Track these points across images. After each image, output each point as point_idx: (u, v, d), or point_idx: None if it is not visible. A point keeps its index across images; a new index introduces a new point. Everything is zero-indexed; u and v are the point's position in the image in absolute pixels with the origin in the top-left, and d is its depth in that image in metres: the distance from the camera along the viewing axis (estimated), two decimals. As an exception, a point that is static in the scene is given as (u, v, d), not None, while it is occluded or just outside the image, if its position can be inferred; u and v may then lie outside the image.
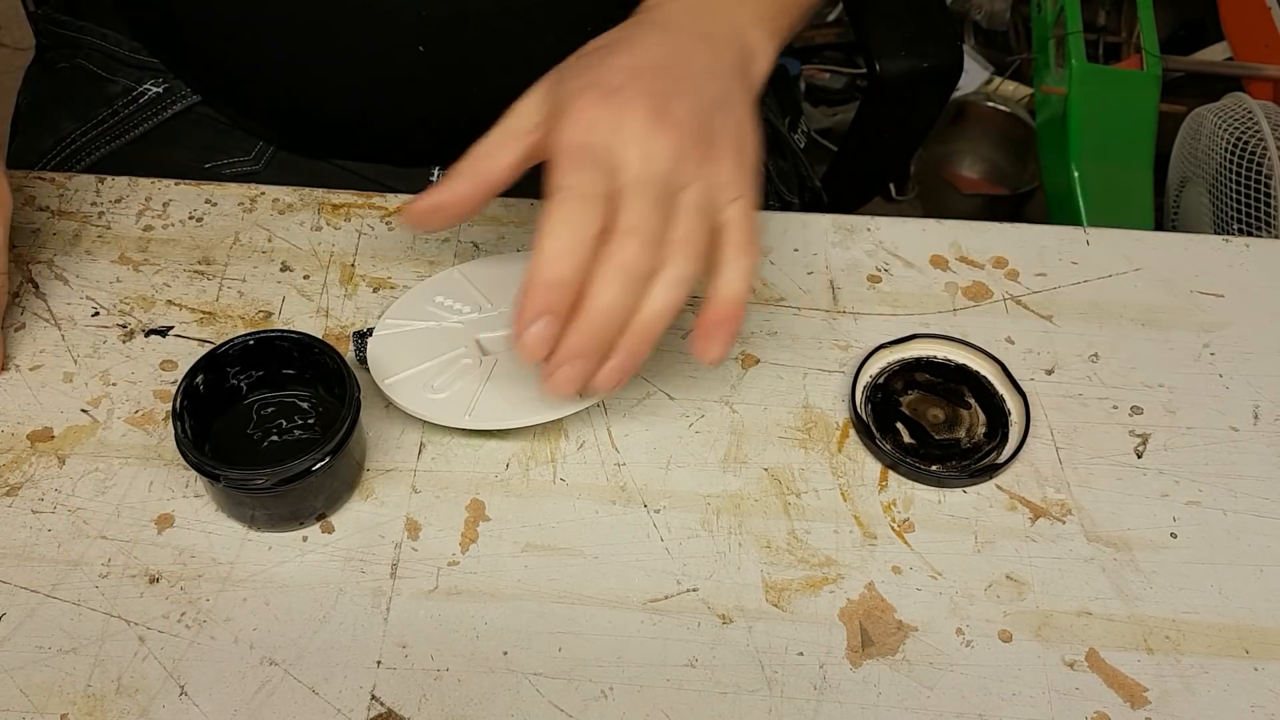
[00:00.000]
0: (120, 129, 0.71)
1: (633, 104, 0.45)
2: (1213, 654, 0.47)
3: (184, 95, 0.71)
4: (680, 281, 0.45)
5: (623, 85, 0.46)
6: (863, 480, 0.52)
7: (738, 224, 0.47)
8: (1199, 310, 0.60)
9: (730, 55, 0.52)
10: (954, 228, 0.63)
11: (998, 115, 1.77)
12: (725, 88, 0.50)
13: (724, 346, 0.46)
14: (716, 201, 0.47)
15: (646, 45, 0.50)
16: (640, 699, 0.45)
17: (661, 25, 0.51)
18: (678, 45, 0.50)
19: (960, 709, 0.45)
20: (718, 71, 0.50)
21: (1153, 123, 1.46)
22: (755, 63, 0.54)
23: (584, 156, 0.44)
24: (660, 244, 0.44)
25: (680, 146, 0.46)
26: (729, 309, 0.46)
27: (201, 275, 0.58)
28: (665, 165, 0.45)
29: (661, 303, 0.45)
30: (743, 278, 0.47)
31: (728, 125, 0.48)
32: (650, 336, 0.45)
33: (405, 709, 0.44)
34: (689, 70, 0.49)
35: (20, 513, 0.49)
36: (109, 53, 0.72)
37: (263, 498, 0.46)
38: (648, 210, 0.44)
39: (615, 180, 0.44)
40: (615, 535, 0.50)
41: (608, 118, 0.45)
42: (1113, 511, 0.51)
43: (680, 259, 0.45)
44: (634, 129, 0.45)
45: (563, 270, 0.43)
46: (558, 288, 0.43)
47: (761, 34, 0.54)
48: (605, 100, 0.45)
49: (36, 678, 0.44)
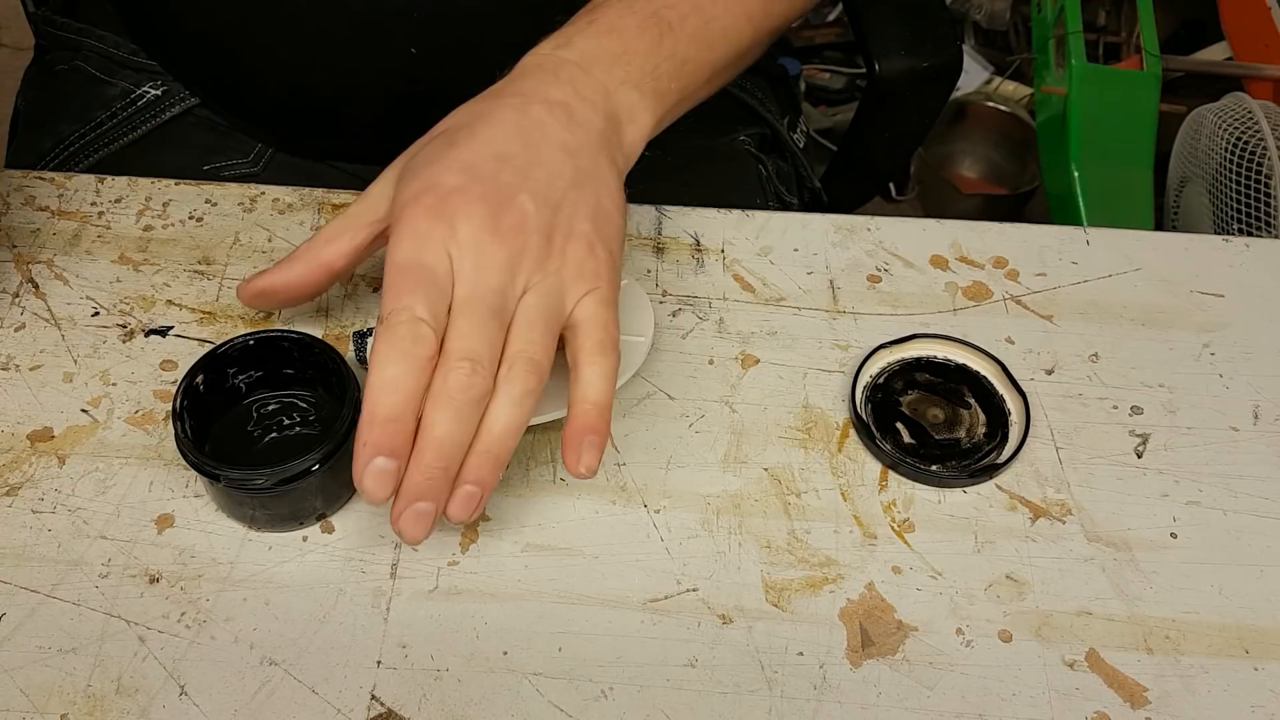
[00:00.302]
0: (119, 131, 0.71)
1: (465, 209, 0.44)
2: (1213, 654, 0.47)
3: (182, 98, 0.71)
4: (521, 398, 0.43)
5: (459, 186, 0.45)
6: (863, 480, 0.52)
7: (591, 321, 0.45)
8: (1199, 310, 0.60)
9: (592, 126, 0.49)
10: (954, 228, 0.63)
11: (998, 115, 1.77)
12: (581, 165, 0.48)
13: (596, 455, 0.44)
14: (562, 302, 0.45)
15: (496, 128, 0.47)
16: (640, 699, 0.45)
17: (520, 97, 0.49)
18: (531, 122, 0.48)
19: (960, 709, 0.45)
20: (574, 148, 0.48)
21: (1153, 123, 1.46)
22: (626, 129, 0.51)
23: (412, 277, 0.43)
24: (493, 363, 0.43)
25: (516, 251, 0.44)
26: (592, 418, 0.44)
27: (201, 275, 0.58)
28: (498, 276, 0.44)
29: (502, 425, 0.43)
30: (604, 379, 0.45)
31: (580, 212, 0.47)
32: (497, 460, 0.43)
33: (405, 709, 0.44)
34: (539, 153, 0.47)
35: (20, 513, 0.49)
36: (108, 55, 0.72)
37: (263, 498, 0.46)
38: (477, 330, 0.43)
39: (444, 300, 0.43)
40: (615, 535, 0.50)
41: (440, 229, 0.44)
42: (1113, 511, 0.51)
43: (517, 375, 0.43)
44: (465, 238, 0.44)
45: (394, 402, 0.41)
46: (391, 422, 0.41)
47: (638, 96, 0.52)
48: (438, 208, 0.44)
49: (36, 678, 0.44)
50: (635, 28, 0.52)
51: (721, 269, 0.60)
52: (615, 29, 0.52)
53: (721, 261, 0.60)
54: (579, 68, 0.50)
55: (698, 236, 0.62)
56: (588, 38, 0.52)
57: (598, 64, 0.51)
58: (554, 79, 0.50)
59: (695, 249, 0.61)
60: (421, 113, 0.60)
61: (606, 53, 0.51)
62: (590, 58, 0.51)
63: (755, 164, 0.78)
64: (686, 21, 0.54)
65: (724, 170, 0.77)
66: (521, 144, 0.47)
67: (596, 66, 0.51)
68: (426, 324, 0.42)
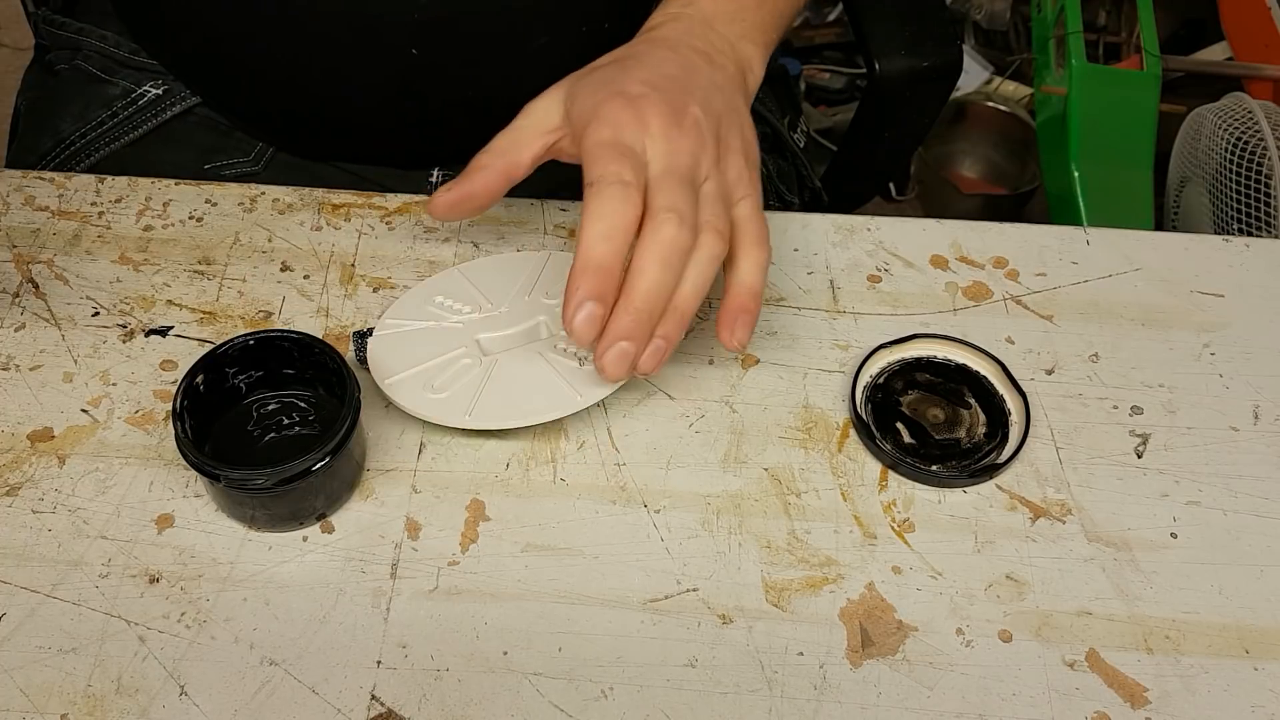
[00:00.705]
0: (120, 131, 0.71)
1: (654, 109, 0.49)
2: (1213, 654, 0.47)
3: (183, 97, 0.71)
4: (711, 260, 0.48)
5: (643, 94, 0.50)
6: (863, 480, 0.52)
7: (749, 219, 0.51)
8: (1199, 310, 0.60)
9: (729, 69, 0.56)
10: (954, 228, 0.63)
11: (998, 115, 1.77)
12: (728, 99, 0.53)
13: (746, 332, 0.49)
14: (731, 196, 0.50)
15: (657, 60, 0.53)
16: (640, 699, 0.45)
17: (667, 43, 0.55)
18: (684, 61, 0.54)
19: (960, 709, 0.45)
20: (720, 84, 0.54)
21: (1153, 123, 1.46)
22: (750, 75, 0.58)
23: (615, 151, 0.47)
24: (694, 224, 0.47)
25: (698, 146, 0.49)
26: (747, 298, 0.49)
27: (201, 275, 0.58)
28: (687, 160, 0.49)
29: (694, 283, 0.48)
30: (759, 269, 0.50)
31: (733, 132, 0.52)
32: (687, 315, 0.48)
33: (405, 709, 0.44)
34: (696, 83, 0.52)
35: (20, 513, 0.49)
36: (108, 54, 0.72)
37: (263, 498, 0.46)
38: (679, 194, 0.47)
39: (644, 174, 0.48)
40: (615, 535, 0.50)
41: (633, 120, 0.49)
42: (1113, 511, 0.51)
43: (709, 239, 0.48)
44: (657, 129, 0.49)
45: (605, 253, 0.46)
46: (601, 271, 0.46)
47: (753, 48, 0.58)
48: (629, 105, 0.49)
49: (36, 678, 0.44)
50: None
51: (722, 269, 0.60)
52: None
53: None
54: (706, 24, 0.57)
55: (698, 236, 0.62)
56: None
57: (719, 20, 0.57)
58: (690, 31, 0.56)
59: (695, 249, 0.61)
60: (421, 113, 0.60)
61: (725, 11, 0.58)
62: (712, 15, 0.57)
63: (757, 163, 0.79)
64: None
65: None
66: (684, 71, 0.53)
67: (718, 22, 0.57)
68: (633, 187, 0.47)
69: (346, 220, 0.61)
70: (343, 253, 0.59)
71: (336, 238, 0.60)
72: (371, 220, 0.61)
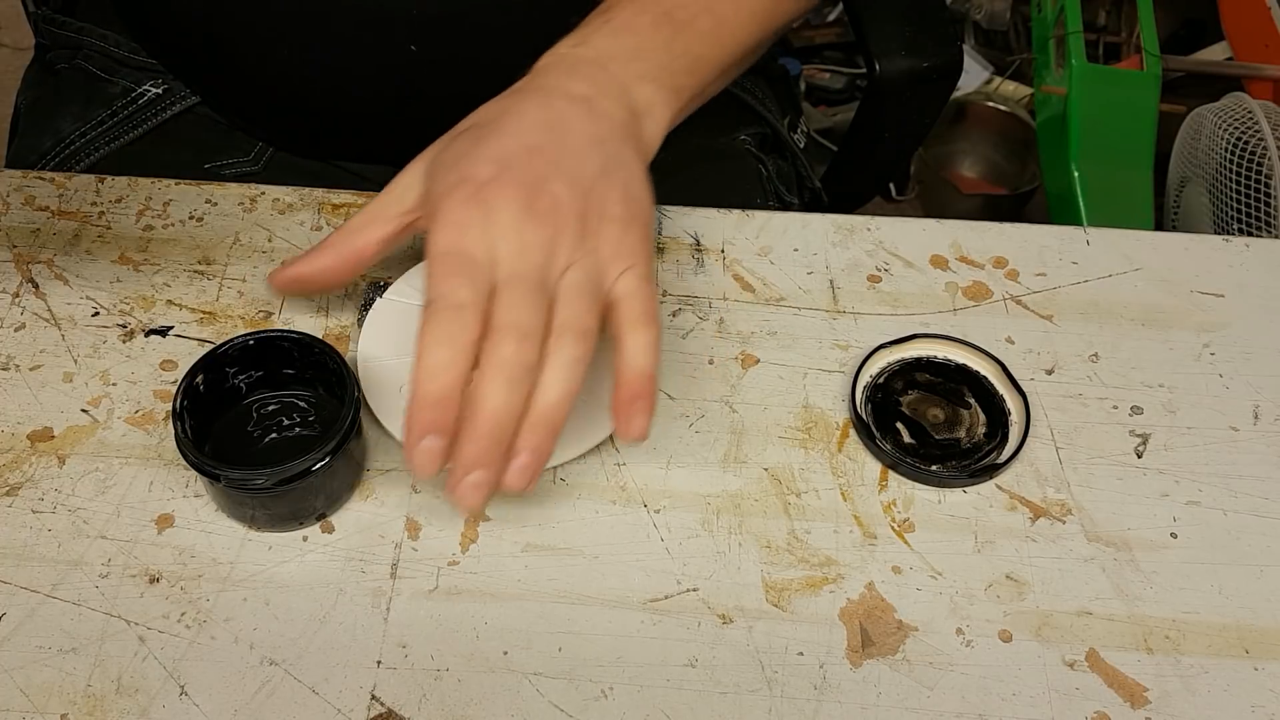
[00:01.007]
0: (120, 130, 0.71)
1: (502, 197, 0.45)
2: (1213, 654, 0.47)
3: (183, 96, 0.71)
4: (570, 364, 0.44)
5: (492, 177, 0.46)
6: (863, 480, 0.52)
7: (632, 295, 0.47)
8: (1199, 310, 0.60)
9: (616, 117, 0.50)
10: (954, 228, 0.63)
11: (998, 115, 1.77)
12: (608, 154, 0.49)
13: (645, 420, 0.45)
14: (604, 277, 0.46)
15: (522, 121, 0.49)
16: (640, 699, 0.45)
17: (542, 92, 0.50)
18: (556, 115, 0.49)
19: (960, 709, 0.45)
20: (600, 138, 0.49)
21: (1153, 123, 1.46)
22: (646, 122, 0.52)
23: (453, 265, 0.44)
24: (539, 335, 0.44)
25: (555, 231, 0.45)
26: (639, 384, 0.45)
27: (201, 275, 0.58)
28: (539, 255, 0.45)
29: (555, 393, 0.44)
30: (648, 350, 0.46)
31: (611, 195, 0.48)
32: (551, 427, 0.44)
33: (405, 709, 0.44)
34: (567, 143, 0.48)
35: (20, 513, 0.49)
36: (108, 53, 0.72)
37: (262, 498, 0.46)
38: (523, 303, 0.44)
39: (487, 283, 0.44)
40: (615, 535, 0.50)
41: (478, 217, 0.45)
42: (1113, 511, 0.51)
43: (567, 342, 0.44)
44: (505, 223, 0.45)
45: (441, 385, 0.42)
46: (439, 404, 0.42)
47: (656, 90, 0.53)
48: (474, 198, 0.45)
49: (36, 678, 0.44)
50: (649, 26, 0.54)
51: (721, 269, 0.60)
52: (630, 27, 0.53)
53: (721, 261, 0.60)
54: (597, 65, 0.52)
55: (698, 236, 0.62)
56: (604, 36, 0.53)
57: (614, 61, 0.52)
58: (573, 75, 0.51)
59: (695, 249, 0.61)
60: (422, 111, 0.60)
61: (623, 50, 0.53)
62: (607, 55, 0.52)
63: (756, 164, 0.78)
64: (698, 20, 0.55)
65: (725, 170, 0.77)
66: (549, 136, 0.48)
67: (613, 63, 0.52)
68: (471, 308, 0.43)
69: (346, 220, 0.61)
70: (343, 253, 0.59)
71: (336, 238, 0.60)
72: (371, 220, 0.61)
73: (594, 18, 0.55)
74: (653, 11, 0.54)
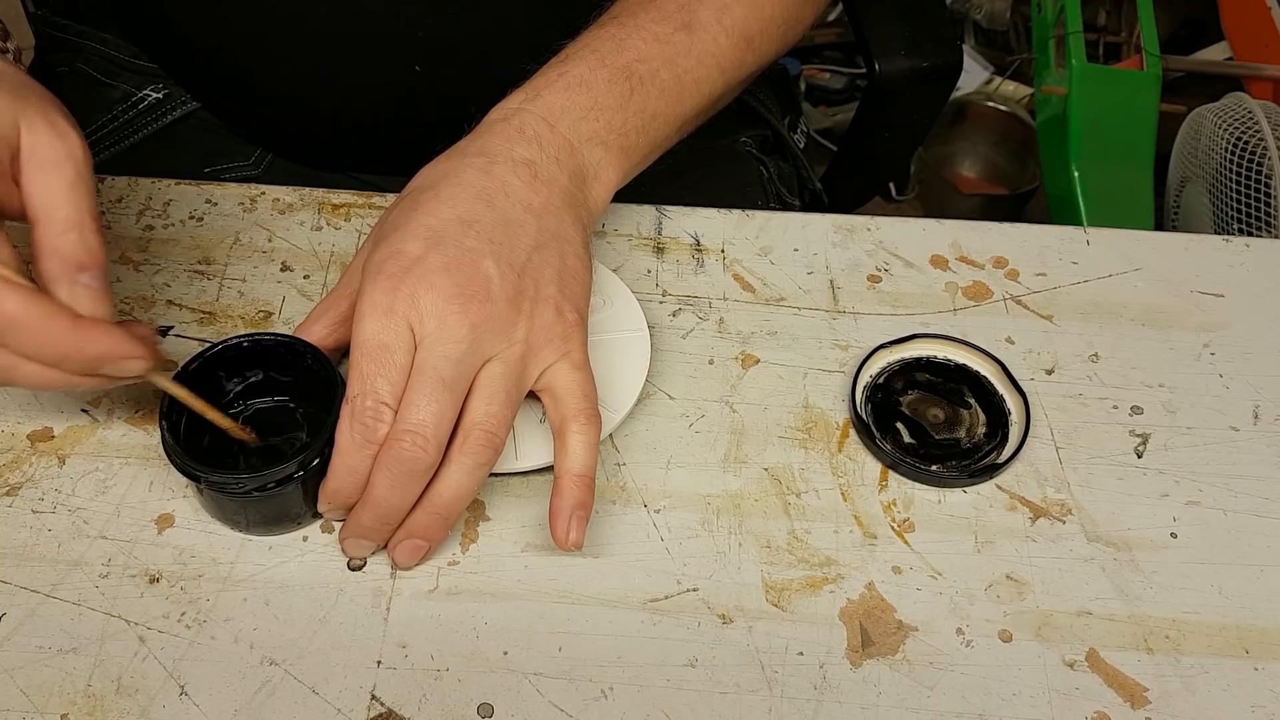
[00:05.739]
0: (120, 134, 0.71)
1: (428, 279, 0.44)
2: (1213, 654, 0.47)
3: (184, 101, 0.71)
4: (472, 469, 0.44)
5: (420, 257, 0.45)
6: (863, 480, 0.52)
7: (568, 390, 0.46)
8: (1199, 310, 0.60)
9: (558, 183, 0.49)
10: (954, 228, 0.63)
11: (998, 115, 1.77)
12: (545, 226, 0.48)
13: (582, 528, 0.45)
14: (527, 370, 0.46)
15: (460, 190, 0.47)
16: (640, 699, 0.45)
17: (484, 157, 0.49)
18: (495, 183, 0.48)
19: (960, 709, 0.45)
20: (538, 208, 0.48)
21: (1153, 123, 1.47)
22: (591, 186, 0.51)
23: (374, 360, 0.44)
24: (440, 434, 0.43)
25: (479, 320, 0.44)
26: (578, 491, 0.45)
27: (201, 275, 0.58)
28: (458, 347, 0.44)
29: (452, 492, 0.45)
30: (586, 449, 0.46)
31: (545, 274, 0.47)
32: (444, 521, 0.45)
33: (405, 709, 0.44)
34: (503, 215, 0.47)
35: (20, 513, 0.49)
36: (109, 58, 0.72)
37: (246, 502, 0.46)
38: (426, 402, 0.43)
39: (406, 371, 0.44)
40: (615, 535, 0.50)
41: (401, 302, 0.44)
42: (1113, 511, 0.51)
43: (471, 447, 0.44)
44: (427, 308, 0.44)
45: (349, 485, 0.45)
46: (346, 501, 0.46)
47: (605, 152, 0.52)
48: (400, 277, 0.44)
49: (36, 678, 0.44)
50: (605, 82, 0.52)
51: (721, 269, 0.60)
52: (585, 83, 0.52)
53: (721, 261, 0.60)
54: (546, 123, 0.50)
55: (698, 236, 0.62)
56: (556, 91, 0.51)
57: (564, 119, 0.51)
58: (519, 135, 0.50)
59: (695, 249, 0.61)
60: (423, 126, 0.60)
61: (575, 107, 0.51)
62: (557, 112, 0.51)
63: (757, 166, 0.78)
64: (658, 76, 0.54)
65: (726, 173, 0.77)
66: (485, 206, 0.47)
67: (563, 122, 0.51)
68: (389, 407, 0.43)
69: (346, 220, 0.61)
70: (343, 253, 0.59)
71: (336, 238, 0.60)
72: (371, 220, 0.61)
73: (550, 68, 0.53)
74: (611, 66, 0.52)
